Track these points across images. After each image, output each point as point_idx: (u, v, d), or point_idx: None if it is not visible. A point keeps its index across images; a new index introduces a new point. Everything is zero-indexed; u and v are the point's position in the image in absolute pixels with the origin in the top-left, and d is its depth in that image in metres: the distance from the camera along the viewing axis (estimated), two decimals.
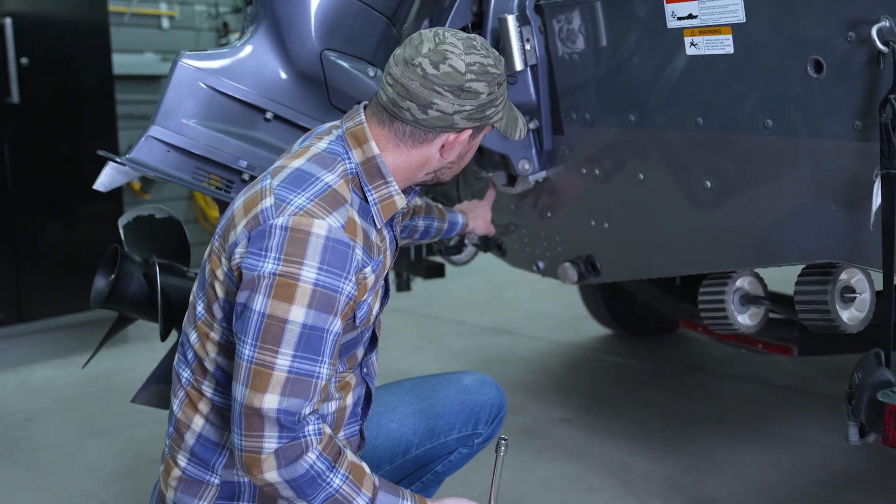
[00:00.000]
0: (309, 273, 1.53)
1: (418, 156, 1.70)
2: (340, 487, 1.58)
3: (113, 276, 2.12)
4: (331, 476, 1.58)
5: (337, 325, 1.58)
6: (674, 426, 3.34)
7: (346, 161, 1.67)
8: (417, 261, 3.51)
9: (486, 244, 3.03)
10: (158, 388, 2.19)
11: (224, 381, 1.70)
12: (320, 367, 1.56)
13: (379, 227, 1.72)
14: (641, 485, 2.86)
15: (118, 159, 2.19)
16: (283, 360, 1.53)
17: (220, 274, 1.66)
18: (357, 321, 1.69)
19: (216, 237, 1.69)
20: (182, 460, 1.74)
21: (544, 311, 5.07)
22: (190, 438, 1.73)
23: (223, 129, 2.25)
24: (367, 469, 1.64)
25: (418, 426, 2.03)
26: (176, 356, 1.82)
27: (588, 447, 3.17)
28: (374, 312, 1.75)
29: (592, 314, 4.49)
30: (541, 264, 2.81)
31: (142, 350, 4.36)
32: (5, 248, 4.13)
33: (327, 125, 1.79)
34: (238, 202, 1.67)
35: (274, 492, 1.59)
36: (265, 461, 1.54)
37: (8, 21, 3.98)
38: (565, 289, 5.04)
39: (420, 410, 2.04)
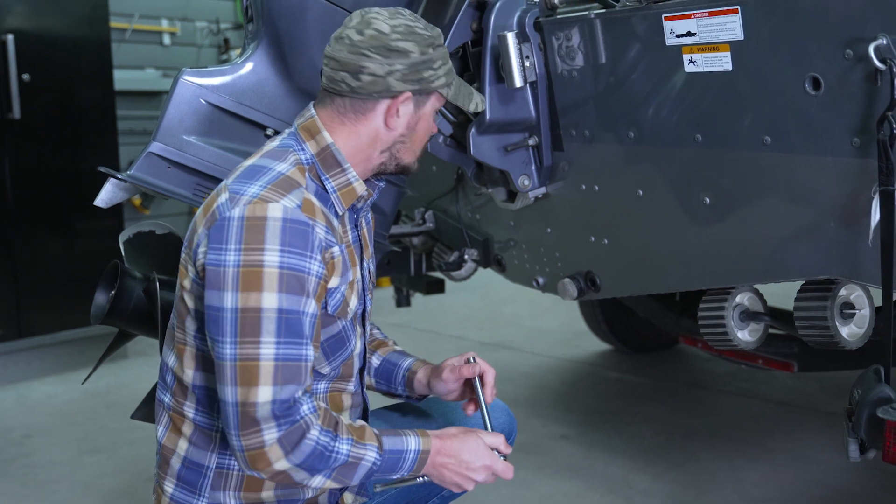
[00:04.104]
0: (272, 257, 1.53)
1: (366, 130, 1.70)
2: (349, 451, 1.58)
3: (113, 292, 2.11)
4: (336, 445, 1.57)
5: (312, 306, 1.58)
6: (674, 442, 3.33)
7: (300, 152, 1.68)
8: (417, 276, 3.51)
9: (485, 260, 3.04)
10: None
11: (204, 399, 1.69)
12: (305, 349, 1.56)
13: (341, 213, 1.71)
14: (642, 501, 2.86)
15: (119, 175, 2.20)
16: (267, 350, 1.52)
17: (187, 283, 1.65)
18: (330, 309, 1.67)
19: (183, 250, 1.69)
20: (169, 486, 1.73)
21: (544, 326, 5.07)
22: (176, 463, 1.72)
23: (224, 145, 2.26)
24: (364, 423, 1.65)
25: None
26: (157, 383, 1.80)
27: (588, 463, 3.16)
28: (353, 307, 1.74)
29: (592, 330, 4.49)
30: (540, 280, 2.82)
31: (141, 366, 4.36)
32: (5, 263, 4.14)
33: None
34: (199, 212, 1.68)
35: (287, 479, 1.57)
36: (270, 452, 1.53)
37: (10, 38, 4.00)
38: (565, 304, 5.03)
39: None
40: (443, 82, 1.73)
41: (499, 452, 1.74)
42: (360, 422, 1.67)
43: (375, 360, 2.01)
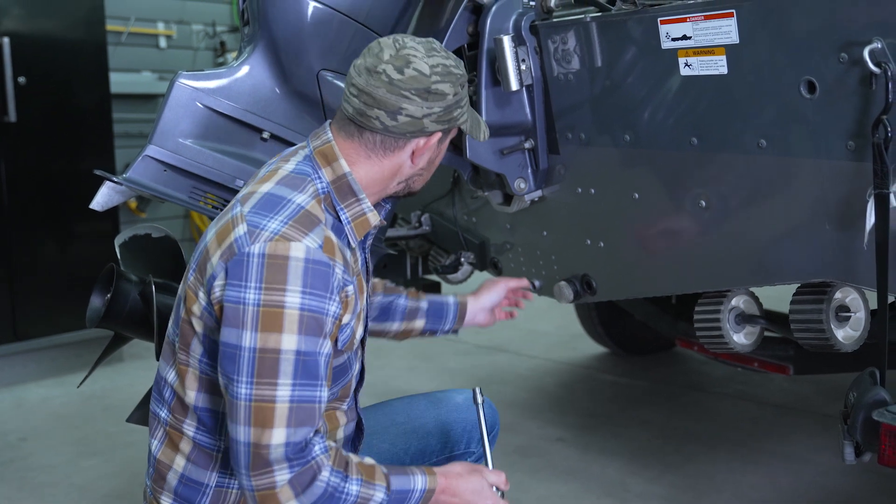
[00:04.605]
0: (293, 299, 1.51)
1: (390, 165, 1.68)
2: (359, 492, 1.57)
3: (109, 295, 2.11)
4: (346, 486, 1.56)
5: (327, 346, 1.57)
6: (671, 445, 3.33)
7: (317, 181, 1.65)
8: (413, 280, 3.51)
9: (482, 263, 3.04)
10: None
11: (207, 420, 1.67)
12: (320, 391, 1.55)
13: (353, 246, 1.69)
14: None
15: (115, 179, 2.20)
16: (284, 392, 1.51)
17: (196, 309, 1.62)
18: (339, 345, 1.66)
19: (191, 271, 1.65)
20: (166, 502, 1.71)
21: (540, 329, 5.07)
22: (172, 479, 1.70)
23: (220, 148, 2.26)
24: (373, 462, 1.64)
25: (409, 446, 2.02)
26: (152, 396, 1.79)
27: (584, 466, 3.16)
28: (358, 336, 1.74)
29: (588, 333, 4.49)
30: (537, 283, 2.82)
31: (137, 369, 4.35)
32: (1, 266, 4.13)
33: (294, 147, 1.76)
34: (210, 233, 1.63)
35: None
36: (281, 493, 1.52)
37: (6, 40, 4.00)
38: (561, 307, 5.03)
39: (412, 430, 2.03)
40: (465, 118, 1.73)
41: (498, 489, 1.76)
42: (370, 460, 1.65)
43: (423, 304, 2.16)
